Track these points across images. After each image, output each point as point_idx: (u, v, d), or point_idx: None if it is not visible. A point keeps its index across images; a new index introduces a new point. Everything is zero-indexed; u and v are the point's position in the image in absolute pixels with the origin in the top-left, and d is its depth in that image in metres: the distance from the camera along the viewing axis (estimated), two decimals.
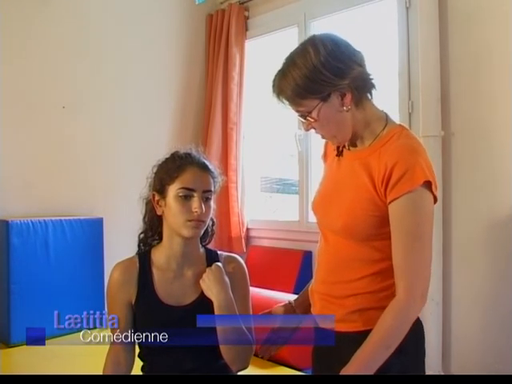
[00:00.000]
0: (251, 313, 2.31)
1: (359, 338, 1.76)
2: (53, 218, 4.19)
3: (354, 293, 1.83)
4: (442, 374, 3.53)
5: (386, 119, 1.87)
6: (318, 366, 2.04)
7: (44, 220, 4.12)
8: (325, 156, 2.11)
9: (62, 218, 4.25)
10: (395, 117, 3.62)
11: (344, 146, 1.93)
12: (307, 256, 1.98)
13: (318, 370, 2.03)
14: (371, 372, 1.71)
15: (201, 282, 2.18)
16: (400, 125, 1.87)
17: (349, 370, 1.73)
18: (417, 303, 1.72)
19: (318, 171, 2.15)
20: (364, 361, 1.73)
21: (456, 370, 3.57)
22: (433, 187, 1.74)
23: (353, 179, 1.84)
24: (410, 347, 1.80)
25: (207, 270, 2.19)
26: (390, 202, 1.74)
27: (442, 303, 3.56)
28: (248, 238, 5.01)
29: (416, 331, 1.83)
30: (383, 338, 1.72)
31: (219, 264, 2.21)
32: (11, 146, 4.26)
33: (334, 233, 1.88)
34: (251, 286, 2.35)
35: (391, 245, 1.76)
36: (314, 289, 2.01)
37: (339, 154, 1.94)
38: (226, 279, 2.18)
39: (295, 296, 3.64)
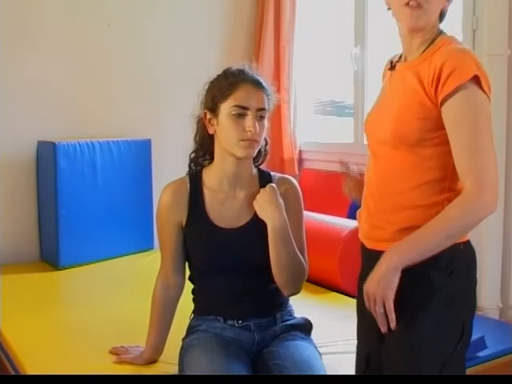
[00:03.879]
0: (305, 236, 2.32)
1: None
2: (100, 140, 4.21)
3: (403, 205, 1.82)
4: (501, 306, 3.52)
5: (440, 29, 1.90)
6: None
7: (91, 141, 4.14)
8: (383, 79, 2.14)
9: (109, 139, 4.27)
10: (458, 34, 3.56)
11: (398, 61, 1.97)
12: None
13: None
14: (421, 257, 1.71)
15: (254, 203, 2.19)
16: (452, 36, 1.89)
17: (399, 247, 1.74)
18: (487, 197, 1.68)
19: (374, 92, 2.16)
20: (418, 243, 1.73)
21: None
22: (483, 84, 1.73)
23: (403, 87, 1.85)
24: (461, 270, 1.80)
25: (261, 190, 2.20)
26: (442, 103, 1.73)
27: (502, 231, 3.52)
28: (301, 161, 4.98)
29: (468, 254, 1.84)
30: (444, 226, 1.71)
31: (273, 185, 2.21)
32: (56, 66, 4.27)
33: (384, 144, 1.87)
34: (304, 209, 2.35)
35: (450, 150, 1.74)
36: (362, 210, 2.02)
37: (392, 68, 1.98)
38: (281, 201, 2.19)
39: (349, 220, 3.69)
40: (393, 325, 1.74)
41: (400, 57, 1.98)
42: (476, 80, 1.72)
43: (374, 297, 1.74)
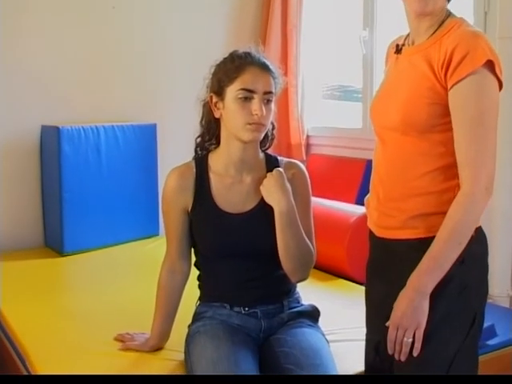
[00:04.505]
0: (312, 222, 2.32)
1: (421, 245, 1.77)
2: (104, 124, 4.20)
3: (414, 193, 1.82)
4: (511, 294, 3.51)
5: (449, 11, 1.87)
6: (373, 279, 2.04)
7: (95, 126, 4.13)
8: (386, 62, 2.13)
9: (114, 123, 4.25)
10: (469, 16, 3.54)
11: (403, 44, 1.95)
12: (370, 165, 1.98)
13: (374, 283, 2.03)
14: (444, 271, 1.72)
15: (261, 187, 2.19)
16: (461, 17, 1.86)
17: (421, 271, 1.74)
18: (483, 194, 1.70)
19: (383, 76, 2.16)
20: (436, 260, 1.73)
21: None
22: (496, 69, 1.72)
23: (411, 71, 1.84)
24: (473, 257, 1.80)
25: (268, 175, 2.19)
26: (450, 88, 1.73)
27: None
28: (308, 146, 4.98)
29: (480, 241, 1.84)
30: (454, 235, 1.72)
31: (280, 169, 2.21)
32: (60, 50, 4.25)
33: (392, 130, 1.86)
34: (311, 195, 2.35)
35: (453, 135, 1.75)
36: (371, 197, 2.01)
37: (398, 51, 1.95)
38: (288, 185, 2.18)
39: (357, 206, 3.68)
40: (417, 353, 1.75)
41: (405, 39, 1.97)
42: (489, 65, 1.70)
43: (405, 328, 1.75)
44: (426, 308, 1.74)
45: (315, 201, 2.52)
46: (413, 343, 1.75)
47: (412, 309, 1.74)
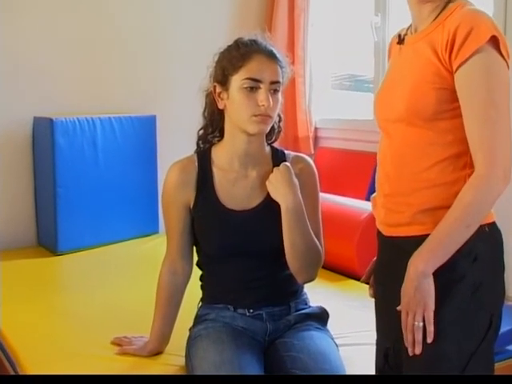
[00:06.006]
0: (321, 219, 2.32)
1: None
2: (101, 116, 4.19)
3: (423, 186, 1.81)
4: None
5: None
6: (382, 281, 2.04)
7: (91, 118, 4.13)
8: (388, 56, 2.13)
9: (111, 115, 4.25)
10: (489, 1, 3.53)
11: (406, 34, 1.95)
12: None
13: (382, 285, 2.04)
14: (448, 254, 1.72)
15: (267, 183, 2.19)
16: None
17: (422, 249, 1.74)
18: (499, 179, 1.69)
19: None
20: (440, 240, 1.73)
21: None
22: (501, 47, 1.72)
23: (415, 59, 1.84)
24: (486, 255, 1.79)
25: (274, 170, 2.19)
26: (456, 69, 1.72)
27: None
28: (316, 139, 4.97)
29: (494, 237, 1.83)
30: (462, 216, 1.71)
31: (287, 164, 2.21)
32: (54, 37, 4.24)
33: (397, 121, 1.86)
34: (320, 191, 2.35)
35: (463, 121, 1.74)
36: (377, 195, 2.01)
37: (400, 42, 1.96)
38: (295, 180, 2.18)
39: (368, 203, 3.68)
40: (430, 339, 1.74)
41: (408, 29, 1.97)
42: (494, 42, 1.70)
43: (414, 311, 1.74)
44: (429, 288, 1.73)
45: (324, 197, 2.52)
46: (425, 334, 1.75)
47: (414, 289, 1.73)
